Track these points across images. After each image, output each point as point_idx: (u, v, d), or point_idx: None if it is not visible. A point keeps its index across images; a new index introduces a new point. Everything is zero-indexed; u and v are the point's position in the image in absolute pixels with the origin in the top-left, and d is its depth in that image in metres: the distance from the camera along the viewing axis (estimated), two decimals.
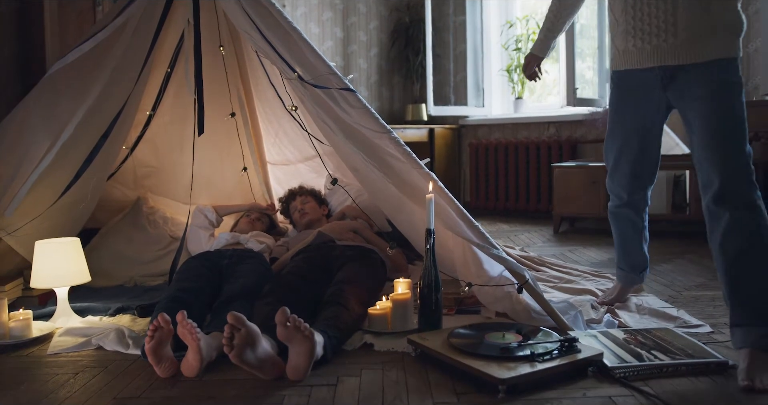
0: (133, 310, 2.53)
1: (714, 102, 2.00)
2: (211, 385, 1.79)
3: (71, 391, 1.78)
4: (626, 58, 2.20)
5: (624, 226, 2.45)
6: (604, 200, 4.37)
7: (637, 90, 2.22)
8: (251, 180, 3.93)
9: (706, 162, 1.99)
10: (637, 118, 2.27)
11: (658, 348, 1.90)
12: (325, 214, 3.45)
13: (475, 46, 5.95)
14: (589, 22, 4.89)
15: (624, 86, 2.28)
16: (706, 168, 1.99)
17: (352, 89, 2.35)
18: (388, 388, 1.74)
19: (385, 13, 6.32)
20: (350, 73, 6.04)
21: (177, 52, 3.23)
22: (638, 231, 2.44)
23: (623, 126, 2.31)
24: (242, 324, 1.74)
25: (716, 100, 2.00)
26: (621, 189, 2.39)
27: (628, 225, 2.44)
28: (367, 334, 2.15)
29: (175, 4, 2.94)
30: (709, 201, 1.98)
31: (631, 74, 2.22)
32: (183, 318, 1.81)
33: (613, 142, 2.36)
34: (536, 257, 3.35)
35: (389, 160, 2.35)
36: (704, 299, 2.61)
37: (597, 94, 4.91)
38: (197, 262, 2.62)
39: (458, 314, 2.42)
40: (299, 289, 2.33)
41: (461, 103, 5.99)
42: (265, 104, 3.76)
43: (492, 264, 2.28)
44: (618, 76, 2.29)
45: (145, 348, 1.82)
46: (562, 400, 1.63)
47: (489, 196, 5.69)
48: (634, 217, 2.41)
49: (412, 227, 2.78)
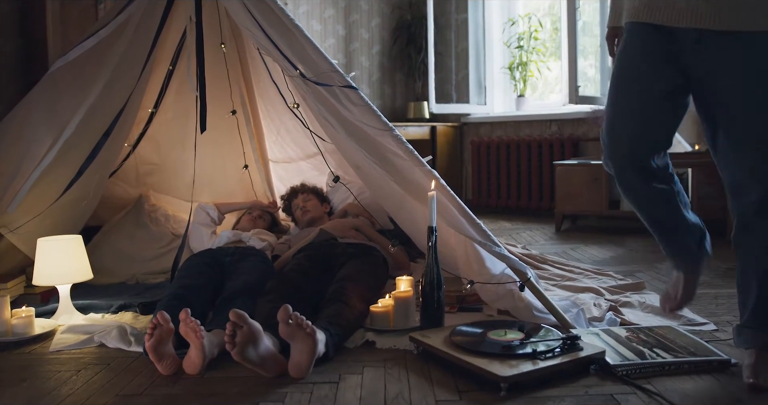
0: (135, 307, 2.53)
1: (760, 87, 1.63)
2: (213, 383, 1.79)
3: (73, 388, 1.78)
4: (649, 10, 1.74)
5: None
6: (606, 198, 4.37)
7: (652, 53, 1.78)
8: (253, 177, 3.92)
9: (738, 163, 1.70)
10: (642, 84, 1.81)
11: (661, 346, 1.90)
12: (327, 212, 3.45)
13: (477, 44, 5.94)
14: (591, 20, 4.88)
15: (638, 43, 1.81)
16: (738, 170, 1.71)
17: (354, 87, 2.34)
18: (390, 386, 1.74)
19: (387, 10, 6.31)
20: (352, 70, 6.04)
21: (179, 49, 3.23)
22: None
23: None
24: (244, 321, 1.74)
25: (763, 85, 1.63)
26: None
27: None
28: (369, 331, 2.15)
29: (177, 2, 2.94)
30: (749, 211, 1.71)
31: (647, 30, 1.76)
32: (186, 316, 1.81)
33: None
34: (538, 255, 3.35)
35: (391, 158, 2.35)
36: (706, 297, 2.60)
37: (599, 92, 4.90)
38: (199, 260, 2.62)
39: (460, 312, 2.42)
40: (301, 287, 2.33)
41: (463, 101, 5.98)
42: (266, 101, 3.75)
43: (494, 262, 2.28)
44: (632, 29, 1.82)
45: (146, 346, 1.82)
46: (564, 398, 1.63)
47: (491, 194, 5.68)
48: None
49: (414, 225, 2.77)
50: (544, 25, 5.67)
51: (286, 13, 2.44)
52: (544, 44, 5.73)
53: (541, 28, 5.63)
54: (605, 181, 4.34)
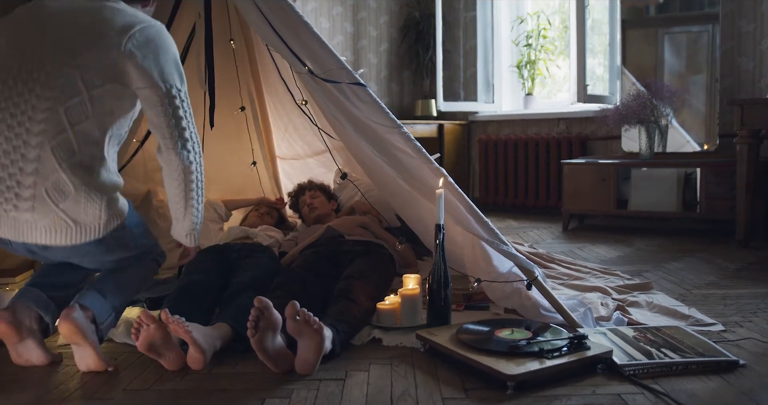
0: (143, 302, 2.53)
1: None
2: (219, 378, 1.79)
3: (81, 382, 1.79)
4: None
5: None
6: (614, 197, 4.36)
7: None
8: (260, 174, 3.93)
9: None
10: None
11: (668, 346, 1.89)
12: (334, 209, 3.45)
13: (486, 42, 5.92)
14: (600, 18, 4.86)
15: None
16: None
17: (362, 84, 2.34)
18: (397, 383, 1.74)
19: (396, 8, 6.30)
20: (360, 68, 6.03)
21: (188, 45, 3.23)
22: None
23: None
24: (267, 309, 1.74)
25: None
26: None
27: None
28: (376, 329, 2.15)
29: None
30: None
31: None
32: (167, 316, 1.80)
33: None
34: (545, 254, 3.34)
35: (399, 156, 2.34)
36: (714, 298, 2.59)
37: (608, 90, 4.89)
38: (206, 256, 2.62)
39: (467, 310, 2.42)
40: (308, 284, 2.33)
41: (471, 99, 5.97)
42: (275, 98, 3.76)
43: (501, 260, 2.27)
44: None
45: (137, 346, 1.82)
46: (571, 397, 1.62)
47: (498, 192, 5.67)
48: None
49: (422, 223, 2.77)
50: (552, 23, 5.65)
51: (295, 10, 2.44)
52: (552, 42, 5.71)
53: (549, 26, 5.62)
54: (613, 180, 4.33)
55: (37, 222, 1.78)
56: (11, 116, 1.78)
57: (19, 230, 1.80)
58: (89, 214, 1.80)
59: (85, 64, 1.81)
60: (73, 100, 1.79)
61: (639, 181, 4.36)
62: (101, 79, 1.82)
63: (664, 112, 4.37)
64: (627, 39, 4.89)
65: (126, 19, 1.88)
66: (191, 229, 2.04)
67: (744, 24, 4.28)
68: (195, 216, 2.01)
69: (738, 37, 4.30)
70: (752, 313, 2.36)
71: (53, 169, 1.76)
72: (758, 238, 3.82)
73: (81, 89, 1.80)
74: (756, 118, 3.57)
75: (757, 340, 2.04)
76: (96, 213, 1.81)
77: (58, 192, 1.77)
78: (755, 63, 4.25)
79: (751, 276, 2.98)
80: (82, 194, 1.79)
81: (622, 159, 4.54)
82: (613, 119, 4.42)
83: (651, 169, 4.35)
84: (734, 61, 4.32)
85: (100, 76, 1.82)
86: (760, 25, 4.23)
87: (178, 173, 1.93)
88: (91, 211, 1.80)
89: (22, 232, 1.81)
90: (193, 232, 2.05)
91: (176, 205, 2.00)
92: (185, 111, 1.92)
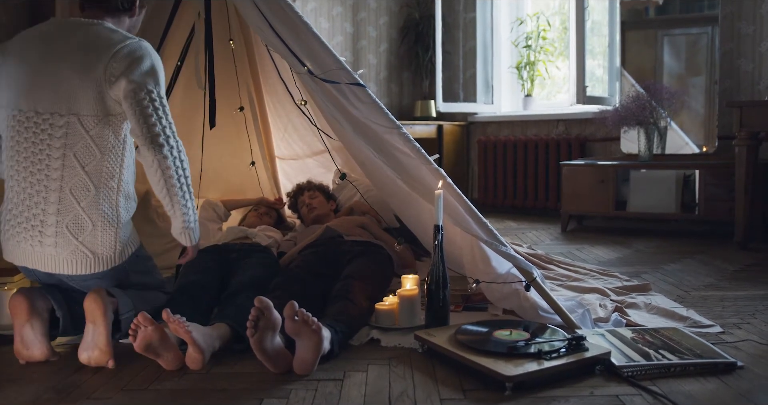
0: None
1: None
2: (217, 378, 1.79)
3: (79, 381, 1.79)
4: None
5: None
6: (613, 199, 4.36)
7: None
8: (259, 174, 3.93)
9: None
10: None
11: (667, 347, 1.89)
12: (333, 210, 3.45)
13: (485, 43, 5.93)
14: (600, 19, 4.86)
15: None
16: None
17: (361, 84, 2.34)
18: (395, 384, 1.74)
19: (395, 8, 6.30)
20: (360, 68, 6.03)
21: (187, 45, 3.22)
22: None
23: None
24: (268, 309, 1.74)
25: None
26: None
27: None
28: (374, 329, 2.15)
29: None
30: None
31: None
32: (168, 315, 1.80)
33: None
34: (544, 255, 3.34)
35: (398, 156, 2.34)
36: (713, 299, 2.59)
37: (607, 92, 4.89)
38: (205, 256, 2.62)
39: (465, 311, 2.42)
40: (307, 284, 2.33)
41: (470, 100, 5.97)
42: (274, 98, 3.75)
43: (500, 261, 2.27)
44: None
45: (134, 346, 1.82)
46: (569, 398, 1.62)
47: (497, 193, 5.68)
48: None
49: (420, 223, 2.77)
50: (552, 24, 5.66)
51: (295, 10, 2.44)
52: (552, 44, 5.71)
53: (549, 27, 5.62)
54: (612, 181, 4.33)
55: (59, 255, 1.96)
56: (32, 164, 1.96)
57: (45, 263, 1.98)
58: (105, 246, 1.98)
59: (78, 108, 1.93)
60: (79, 145, 1.94)
61: (638, 182, 4.36)
62: (95, 119, 1.95)
63: (663, 114, 4.37)
64: (626, 40, 4.90)
65: (106, 42, 1.95)
66: (183, 227, 2.05)
67: (743, 26, 4.28)
68: (185, 214, 2.03)
69: (737, 39, 4.31)
70: (750, 314, 2.36)
71: (72, 207, 1.95)
72: (757, 239, 3.82)
73: (83, 133, 1.94)
74: (755, 120, 3.57)
75: (755, 342, 2.04)
76: (111, 244, 2.00)
77: (78, 227, 1.95)
78: (755, 65, 4.25)
79: (750, 278, 2.98)
80: (99, 228, 1.97)
81: (621, 160, 4.55)
82: (612, 121, 4.43)
83: (650, 171, 4.35)
84: (733, 62, 4.33)
85: (93, 115, 1.94)
86: (759, 27, 4.23)
87: (154, 169, 1.98)
88: (107, 242, 1.99)
89: (48, 264, 1.98)
90: (187, 230, 2.06)
91: (165, 203, 2.04)
92: (156, 109, 1.98)
